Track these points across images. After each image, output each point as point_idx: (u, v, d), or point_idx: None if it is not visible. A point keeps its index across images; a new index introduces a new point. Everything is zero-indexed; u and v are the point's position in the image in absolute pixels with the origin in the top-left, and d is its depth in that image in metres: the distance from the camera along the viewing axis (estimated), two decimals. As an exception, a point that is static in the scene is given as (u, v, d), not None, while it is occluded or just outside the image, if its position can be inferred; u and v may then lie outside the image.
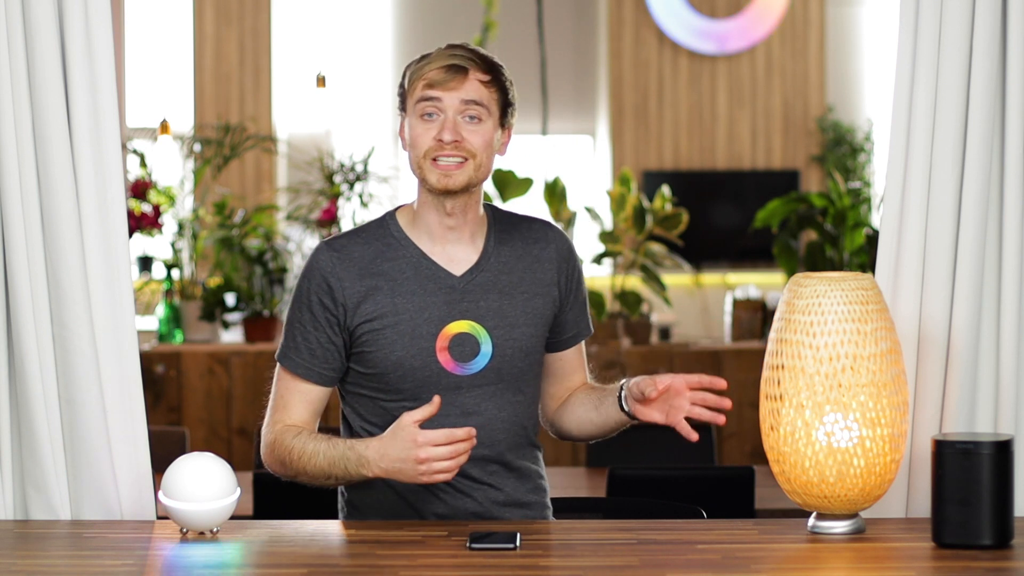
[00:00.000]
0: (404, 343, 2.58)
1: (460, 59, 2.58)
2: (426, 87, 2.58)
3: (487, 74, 2.59)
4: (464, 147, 2.57)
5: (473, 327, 2.60)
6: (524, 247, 2.68)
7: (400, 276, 2.61)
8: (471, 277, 2.63)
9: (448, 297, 2.61)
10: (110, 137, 2.62)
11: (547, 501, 2.72)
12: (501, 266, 2.65)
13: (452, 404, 2.58)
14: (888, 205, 2.64)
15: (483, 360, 2.60)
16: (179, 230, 5.97)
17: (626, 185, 5.92)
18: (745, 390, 6.00)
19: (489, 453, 2.61)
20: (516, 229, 2.70)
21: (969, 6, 2.58)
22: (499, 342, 2.61)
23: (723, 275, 8.96)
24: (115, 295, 2.63)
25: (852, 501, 2.40)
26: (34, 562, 2.34)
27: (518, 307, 2.64)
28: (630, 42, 9.44)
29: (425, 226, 2.64)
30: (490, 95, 2.59)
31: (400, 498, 2.61)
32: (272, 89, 9.37)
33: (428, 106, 2.58)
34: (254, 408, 5.67)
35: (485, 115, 2.58)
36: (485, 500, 2.62)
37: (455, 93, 2.56)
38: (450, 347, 2.59)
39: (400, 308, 2.59)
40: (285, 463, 2.59)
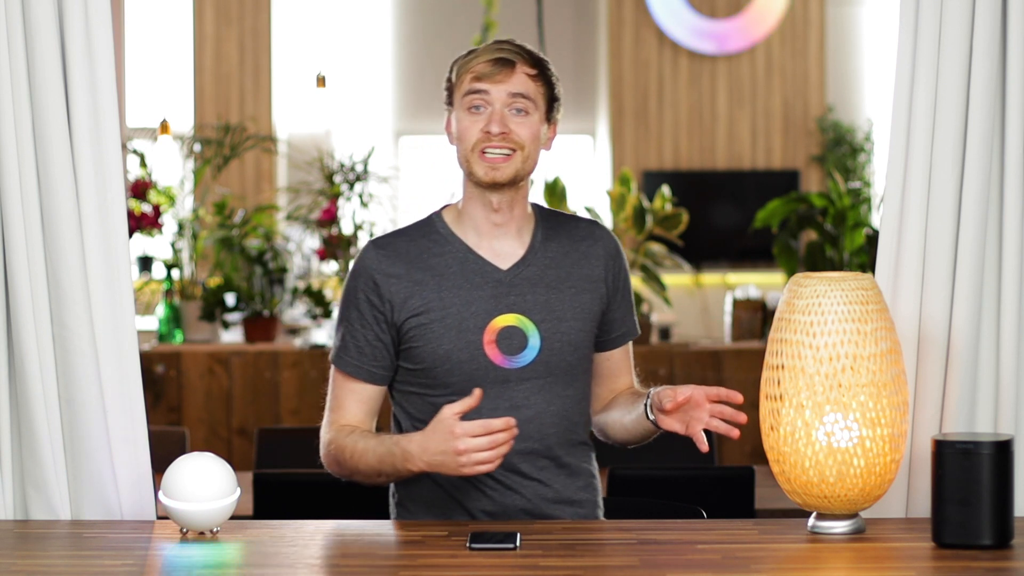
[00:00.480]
0: (451, 336, 2.59)
1: (507, 52, 2.60)
2: (473, 80, 2.59)
3: (534, 68, 2.61)
4: (511, 139, 2.58)
5: (520, 320, 2.61)
6: (571, 243, 2.69)
7: (447, 271, 2.62)
8: (518, 271, 2.64)
9: (495, 291, 2.62)
10: (110, 137, 2.62)
11: (599, 500, 2.71)
12: (548, 261, 2.66)
13: (500, 398, 2.59)
14: (888, 205, 2.64)
15: (531, 353, 2.61)
16: (179, 230, 5.97)
17: (626, 185, 5.92)
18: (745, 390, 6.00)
19: (539, 447, 2.62)
20: (563, 226, 2.71)
21: (969, 6, 2.58)
22: (547, 335, 2.62)
23: (723, 275, 8.96)
24: (115, 295, 2.63)
25: (852, 501, 2.40)
26: (34, 562, 2.34)
27: (565, 301, 2.64)
28: (630, 42, 9.44)
29: (471, 221, 2.65)
30: (537, 89, 2.61)
31: (448, 495, 2.63)
32: (272, 89, 9.37)
33: (475, 99, 2.59)
34: (254, 408, 5.67)
35: (532, 108, 2.60)
36: (534, 496, 2.62)
37: (502, 86, 2.58)
38: (498, 340, 2.60)
39: (447, 302, 2.60)
40: (340, 462, 2.61)
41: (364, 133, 9.43)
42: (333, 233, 6.01)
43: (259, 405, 5.68)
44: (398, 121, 9.70)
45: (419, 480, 2.63)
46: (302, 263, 6.28)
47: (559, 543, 2.39)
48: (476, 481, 2.60)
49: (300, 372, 5.67)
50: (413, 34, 9.66)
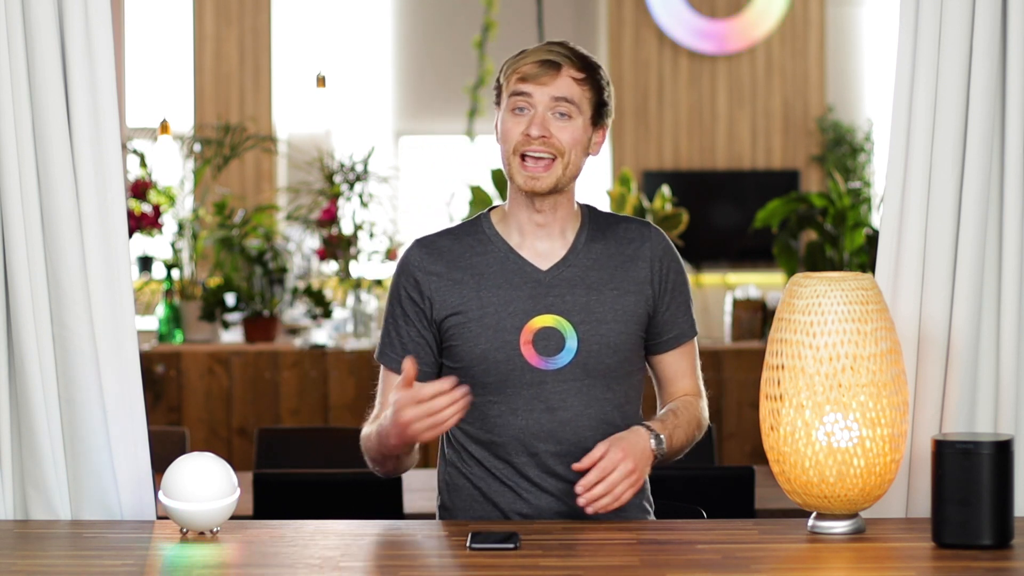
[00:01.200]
0: (488, 336, 2.58)
1: (555, 55, 2.59)
2: (519, 81, 2.59)
3: (581, 72, 2.59)
4: (552, 143, 2.57)
5: (558, 321, 2.60)
6: (617, 245, 2.67)
7: (487, 270, 2.62)
8: (557, 272, 2.63)
9: (533, 291, 2.61)
10: (110, 137, 2.62)
11: (644, 504, 2.69)
12: (591, 262, 2.65)
13: (537, 399, 2.59)
14: (888, 205, 2.64)
15: (568, 355, 2.60)
16: (179, 230, 5.97)
17: (626, 185, 5.92)
18: (745, 390, 6.02)
19: (575, 450, 2.60)
20: (612, 228, 2.69)
21: (969, 6, 2.58)
22: (585, 337, 2.60)
23: (723, 275, 8.96)
24: (115, 295, 2.63)
25: (852, 501, 2.40)
26: (34, 562, 2.34)
27: (607, 303, 2.63)
28: (630, 42, 9.44)
29: (516, 221, 2.65)
30: (582, 93, 2.59)
31: (487, 500, 2.63)
32: (272, 89, 9.37)
33: (520, 100, 2.58)
34: (254, 408, 5.67)
35: (575, 112, 2.59)
36: (571, 499, 2.58)
37: (546, 89, 2.57)
38: (534, 341, 2.59)
39: (486, 302, 2.60)
40: (369, 451, 2.62)
41: (364, 133, 9.43)
42: (333, 233, 6.01)
43: (259, 405, 5.68)
44: (398, 121, 9.70)
45: (459, 486, 2.65)
46: (302, 263, 6.28)
47: (559, 543, 2.39)
48: (511, 483, 2.61)
49: (300, 372, 5.67)
50: (413, 34, 9.66)
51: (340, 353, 5.70)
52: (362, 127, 9.51)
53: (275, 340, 5.87)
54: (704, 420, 2.72)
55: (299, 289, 5.98)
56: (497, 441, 2.61)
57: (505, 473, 2.62)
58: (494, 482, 2.62)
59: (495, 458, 2.62)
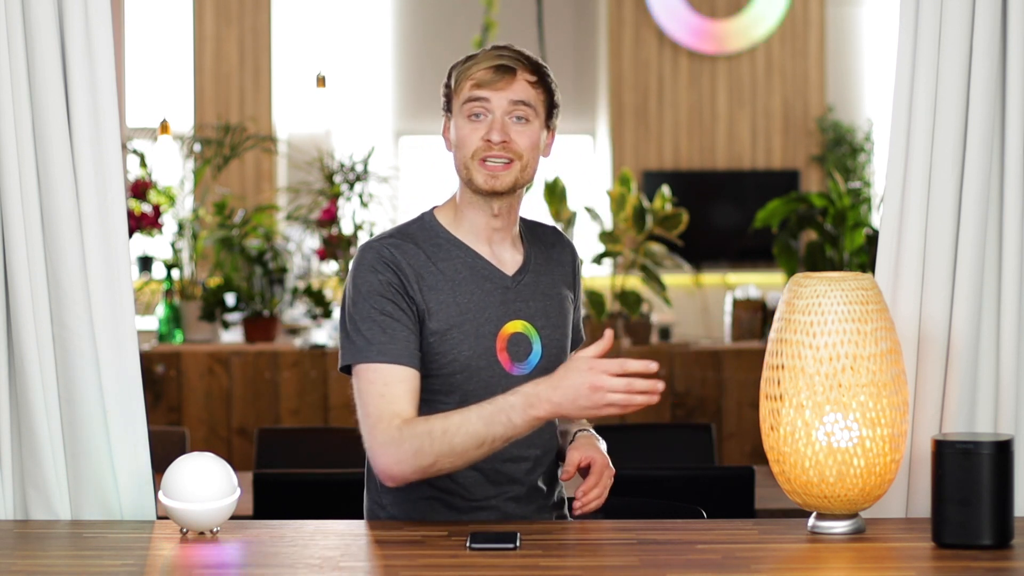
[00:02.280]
0: (470, 343, 2.57)
1: (508, 59, 2.57)
2: (474, 87, 2.57)
3: (534, 75, 2.59)
4: (512, 148, 2.56)
5: (526, 327, 2.61)
6: (547, 251, 2.71)
7: (457, 276, 2.60)
8: (520, 278, 2.64)
9: (503, 297, 2.61)
10: (110, 137, 2.62)
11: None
12: (539, 268, 2.68)
13: None
14: (888, 205, 2.64)
15: (534, 360, 2.61)
16: (179, 230, 5.97)
17: (626, 185, 5.92)
18: (745, 390, 6.02)
19: (542, 455, 2.64)
20: (533, 233, 2.73)
21: (969, 6, 2.58)
22: (546, 342, 2.63)
23: (723, 275, 8.96)
24: (115, 295, 2.63)
25: (852, 501, 2.40)
26: (34, 562, 2.34)
27: (555, 308, 2.66)
28: (630, 42, 9.44)
29: (471, 226, 2.63)
30: (537, 96, 2.59)
31: (450, 509, 2.60)
32: (272, 89, 9.37)
33: (476, 106, 2.57)
34: (254, 408, 5.67)
35: (532, 116, 2.58)
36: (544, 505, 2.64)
37: (503, 93, 2.56)
38: (508, 347, 2.60)
39: (463, 308, 2.58)
40: (422, 451, 2.42)
41: (364, 133, 9.43)
42: (333, 233, 6.01)
43: (259, 405, 5.68)
44: (398, 121, 9.70)
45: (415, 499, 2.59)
46: (302, 263, 6.28)
47: (559, 543, 2.39)
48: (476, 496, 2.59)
49: (300, 372, 5.67)
50: (413, 34, 9.66)
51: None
52: (362, 127, 9.51)
53: (275, 340, 5.87)
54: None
55: (299, 289, 5.98)
56: None
57: (472, 481, 2.59)
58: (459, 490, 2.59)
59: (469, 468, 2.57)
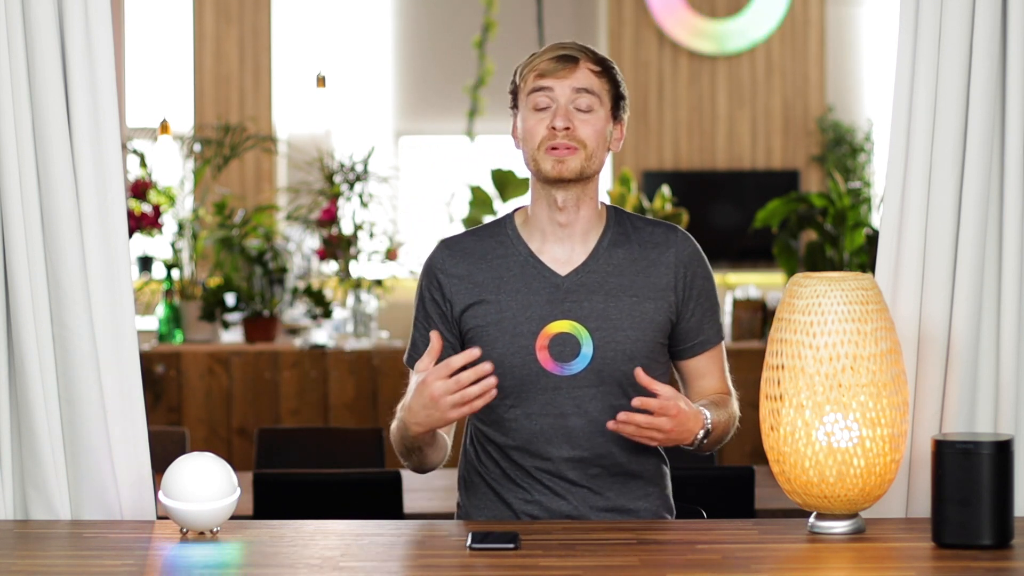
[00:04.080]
0: (505, 340, 2.58)
1: (571, 50, 2.60)
2: (537, 77, 2.58)
3: (598, 65, 2.60)
4: (575, 136, 2.57)
5: (574, 327, 2.59)
6: (641, 251, 2.66)
7: (507, 274, 2.62)
8: (576, 277, 2.62)
9: (551, 296, 2.61)
10: (110, 137, 2.62)
11: (662, 511, 2.68)
12: (611, 268, 2.63)
13: (551, 404, 2.59)
14: (888, 205, 2.64)
15: (583, 361, 2.59)
16: (179, 230, 5.97)
17: (626, 185, 5.93)
18: (745, 390, 6.01)
19: (588, 456, 2.61)
20: (637, 232, 2.67)
21: (969, 6, 2.58)
22: (600, 344, 2.59)
23: (723, 275, 8.95)
24: (115, 295, 2.63)
25: (852, 501, 2.40)
26: (34, 562, 2.34)
27: (624, 310, 2.61)
28: (630, 42, 9.44)
29: (537, 223, 2.64)
30: (601, 85, 2.60)
31: (500, 500, 2.63)
32: (272, 89, 9.37)
33: (540, 96, 2.58)
34: (254, 408, 5.67)
35: (597, 104, 2.59)
36: (581, 504, 2.61)
37: (566, 81, 2.57)
38: (550, 346, 2.59)
39: (504, 306, 2.60)
40: (395, 445, 2.62)
41: (364, 133, 9.43)
42: (333, 233, 6.01)
43: (259, 405, 5.68)
44: (398, 121, 9.70)
45: (475, 484, 2.66)
46: (302, 263, 6.29)
47: (559, 543, 2.39)
48: (525, 485, 2.61)
49: (300, 372, 5.67)
50: (413, 34, 9.66)
51: (340, 353, 5.70)
52: (362, 127, 9.51)
53: (275, 340, 5.88)
54: (737, 417, 2.72)
55: (299, 289, 5.98)
56: (511, 444, 2.62)
57: (518, 475, 2.63)
58: (507, 483, 2.63)
59: (509, 460, 2.63)
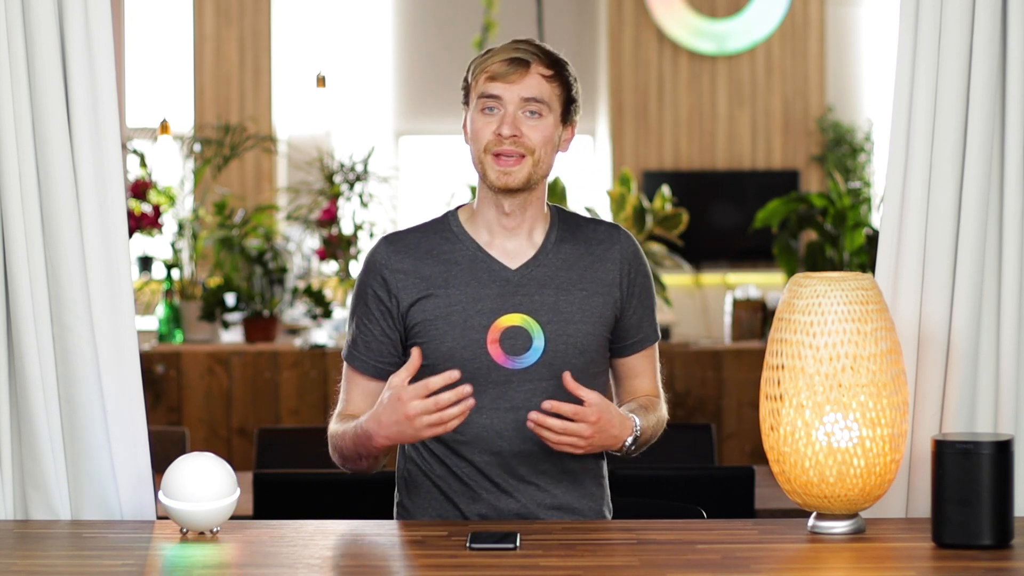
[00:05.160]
0: (455, 334, 2.58)
1: (523, 53, 2.58)
2: (488, 80, 2.59)
3: (550, 68, 2.59)
4: (522, 142, 2.57)
5: (526, 321, 2.59)
6: (587, 246, 2.67)
7: (455, 268, 2.62)
8: (527, 271, 2.62)
9: (502, 289, 2.61)
10: (110, 137, 2.62)
11: (603, 509, 2.69)
12: (560, 262, 2.64)
13: (502, 398, 2.59)
14: (888, 205, 2.64)
15: (535, 355, 2.59)
16: (179, 230, 5.97)
17: (626, 185, 5.92)
18: (745, 390, 6.02)
19: (538, 450, 2.60)
20: (580, 229, 2.69)
21: (969, 6, 2.58)
22: (552, 337, 2.59)
23: (723, 275, 8.96)
24: (115, 295, 2.63)
25: (852, 501, 2.40)
26: (34, 562, 2.34)
27: (575, 303, 2.62)
28: (630, 42, 9.44)
29: (484, 221, 2.65)
30: (552, 90, 2.59)
31: (446, 499, 2.63)
32: (272, 89, 9.37)
33: (489, 101, 2.58)
34: (254, 408, 5.67)
35: (546, 111, 2.59)
36: (530, 502, 2.61)
37: (515, 87, 2.57)
38: (501, 340, 2.58)
39: (453, 300, 2.60)
40: (336, 449, 2.61)
41: (364, 133, 9.42)
42: (333, 233, 6.01)
43: (259, 405, 5.68)
44: (398, 121, 9.70)
45: (418, 484, 2.64)
46: (302, 263, 6.28)
47: (559, 543, 2.39)
48: (471, 483, 2.60)
49: (300, 372, 5.67)
50: (413, 34, 9.66)
51: (340, 353, 5.69)
52: (362, 127, 9.51)
53: (275, 340, 5.87)
54: (665, 420, 2.71)
55: (299, 289, 5.98)
56: (460, 439, 2.60)
57: (466, 472, 2.61)
58: (454, 481, 2.62)
59: (457, 457, 2.62)
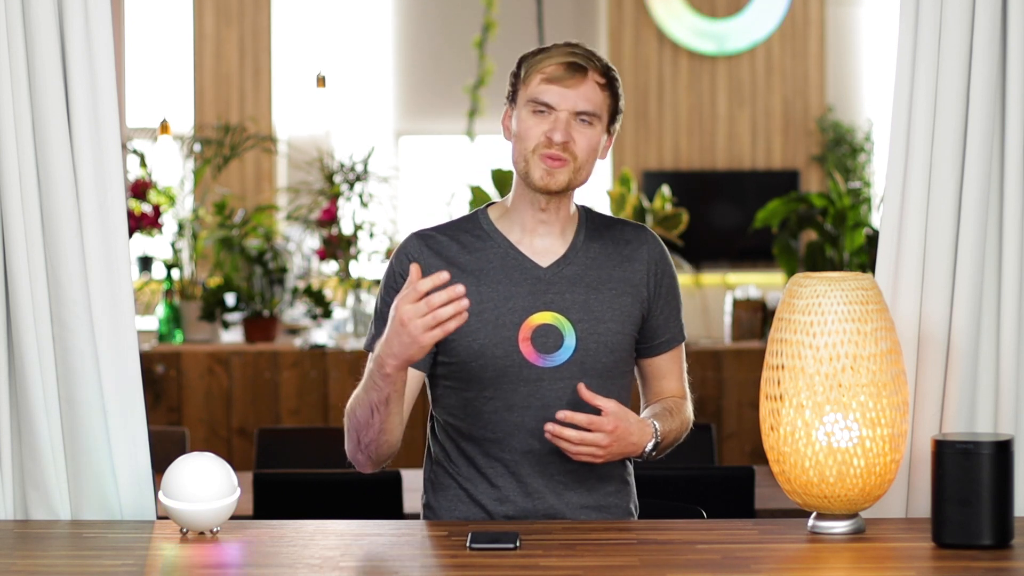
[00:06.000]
0: (487, 331, 2.57)
1: (580, 58, 2.56)
2: (544, 82, 2.56)
3: (603, 77, 2.58)
4: (571, 149, 2.56)
5: (557, 319, 2.59)
6: (615, 246, 2.67)
7: (487, 266, 2.61)
8: (558, 269, 2.62)
9: (533, 288, 2.60)
10: (110, 137, 2.62)
11: (631, 507, 2.69)
12: (590, 261, 2.64)
13: (534, 396, 2.58)
14: (888, 205, 2.64)
15: (566, 353, 2.59)
16: (179, 230, 5.97)
17: (626, 185, 5.93)
18: (745, 390, 6.02)
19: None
20: (608, 229, 2.69)
21: (969, 6, 2.58)
22: (583, 335, 2.59)
23: (723, 275, 8.96)
24: (115, 295, 2.63)
25: (852, 501, 2.40)
26: (34, 562, 2.34)
27: (605, 302, 2.62)
28: (630, 42, 9.44)
29: (518, 218, 2.64)
30: (603, 99, 2.58)
31: (472, 500, 2.62)
32: (272, 89, 9.37)
33: (542, 106, 2.55)
34: (254, 408, 5.67)
35: (596, 121, 2.58)
36: (558, 501, 2.60)
37: (571, 93, 2.55)
38: (533, 338, 2.58)
39: (485, 297, 2.58)
40: (349, 427, 2.54)
41: (364, 133, 9.43)
42: (333, 233, 6.01)
43: (259, 405, 5.68)
44: (398, 121, 9.70)
45: (445, 485, 2.64)
46: (302, 263, 6.29)
47: (559, 543, 2.39)
48: (499, 483, 2.60)
49: (300, 372, 5.67)
50: (413, 34, 9.66)
51: (340, 353, 5.70)
52: (362, 127, 9.51)
53: (275, 340, 5.88)
54: (690, 422, 2.71)
55: (299, 289, 5.99)
56: (491, 437, 2.60)
57: (495, 471, 2.61)
58: (481, 482, 2.61)
59: (486, 456, 2.61)
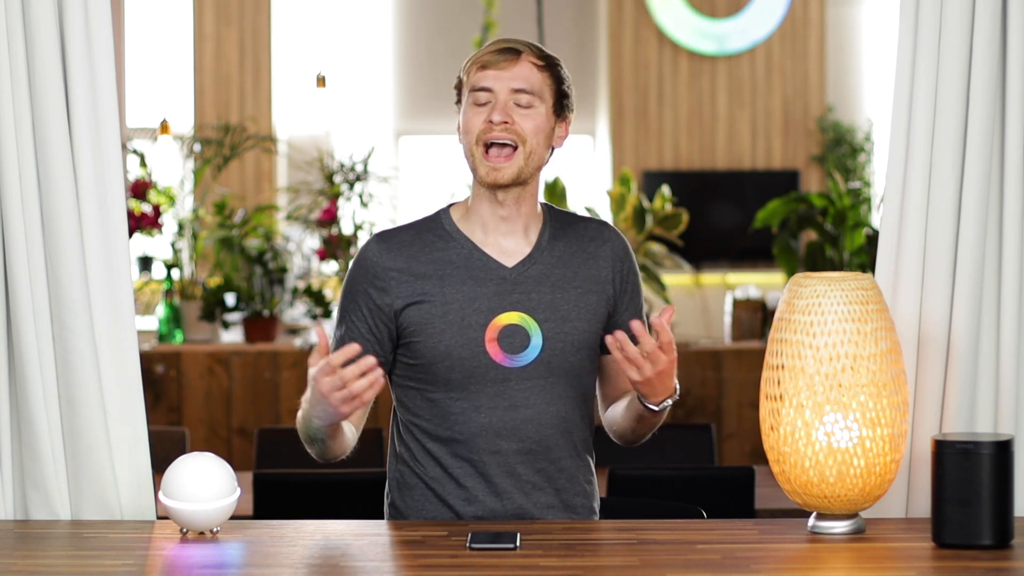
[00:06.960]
0: (452, 332, 2.57)
1: (513, 43, 2.59)
2: (479, 69, 2.58)
3: (541, 59, 2.59)
4: (514, 130, 2.56)
5: (523, 319, 2.59)
6: (579, 244, 2.66)
7: (450, 267, 2.60)
8: (523, 269, 2.61)
9: (499, 288, 2.60)
10: (110, 137, 2.62)
11: (594, 506, 2.69)
12: (555, 260, 2.63)
13: (500, 396, 2.58)
14: (888, 205, 2.64)
15: (533, 352, 2.58)
16: (179, 230, 5.98)
17: (626, 185, 5.92)
18: (745, 390, 6.02)
19: (537, 448, 2.59)
20: (572, 227, 2.68)
21: (969, 6, 2.58)
22: (550, 335, 2.59)
23: (723, 275, 8.96)
24: (115, 295, 2.63)
25: (852, 501, 2.40)
26: (34, 562, 2.34)
27: (571, 301, 2.62)
28: (630, 42, 9.44)
29: (478, 218, 2.63)
30: (543, 80, 2.59)
31: (440, 500, 2.61)
32: (272, 89, 9.36)
33: (480, 94, 2.57)
34: (254, 408, 5.67)
35: (537, 102, 2.58)
36: (526, 501, 2.60)
37: (506, 74, 2.56)
38: (499, 338, 2.58)
39: (449, 298, 2.58)
40: (301, 434, 2.58)
41: (364, 133, 9.42)
42: (333, 233, 6.01)
43: (259, 405, 5.68)
44: (398, 121, 9.70)
45: (411, 486, 2.63)
46: (302, 263, 6.29)
47: (559, 543, 2.39)
48: (467, 484, 2.59)
49: (300, 372, 5.67)
50: (413, 34, 9.66)
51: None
52: (362, 127, 9.51)
53: (275, 340, 5.88)
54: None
55: (299, 289, 5.98)
56: (458, 439, 2.59)
57: (462, 472, 2.60)
58: (448, 483, 2.60)
59: (453, 456, 2.60)
